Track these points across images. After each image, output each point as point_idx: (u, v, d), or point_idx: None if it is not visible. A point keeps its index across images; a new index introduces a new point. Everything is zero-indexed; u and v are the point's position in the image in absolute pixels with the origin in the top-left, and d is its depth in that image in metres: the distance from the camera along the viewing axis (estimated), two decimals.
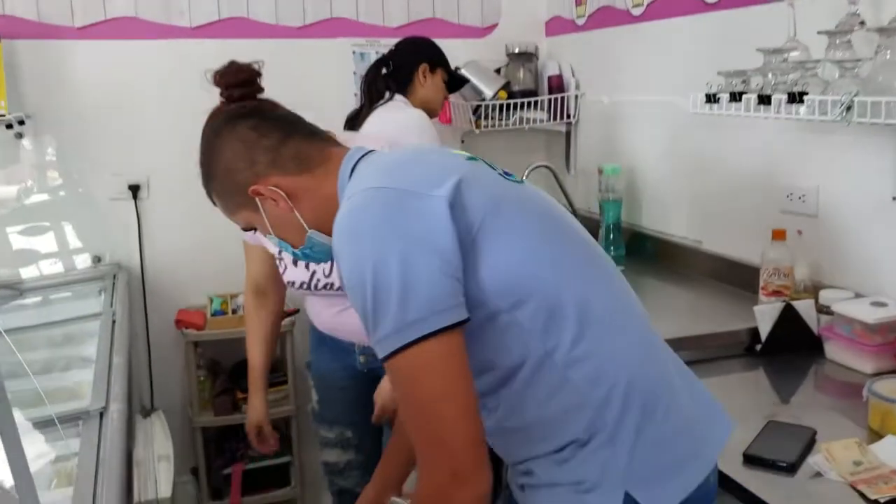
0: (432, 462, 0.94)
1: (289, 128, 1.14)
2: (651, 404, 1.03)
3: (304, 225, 1.11)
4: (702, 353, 1.79)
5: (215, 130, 1.14)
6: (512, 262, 0.99)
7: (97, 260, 2.67)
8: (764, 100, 1.69)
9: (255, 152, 1.10)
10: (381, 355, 0.94)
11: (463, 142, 3.00)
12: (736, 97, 1.78)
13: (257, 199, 1.11)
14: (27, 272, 2.59)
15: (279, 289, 1.98)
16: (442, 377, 0.93)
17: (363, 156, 1.11)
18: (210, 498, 2.73)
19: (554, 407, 1.01)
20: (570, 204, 2.79)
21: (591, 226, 2.74)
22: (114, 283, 2.51)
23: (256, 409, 2.02)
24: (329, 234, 1.04)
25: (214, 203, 1.18)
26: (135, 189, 2.67)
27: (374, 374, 1.99)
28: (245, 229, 1.20)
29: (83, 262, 2.67)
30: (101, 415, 1.53)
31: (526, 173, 2.59)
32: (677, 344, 1.79)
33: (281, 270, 1.85)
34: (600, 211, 2.59)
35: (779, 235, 1.86)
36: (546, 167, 2.74)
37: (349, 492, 2.06)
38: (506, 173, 1.11)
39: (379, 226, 0.96)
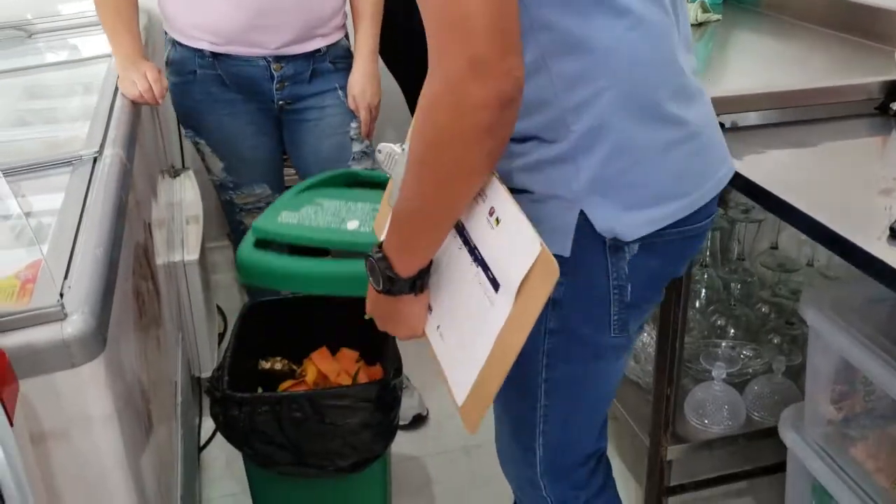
0: (446, 51, 0.76)
1: None
2: (623, 147, 0.90)
3: None
4: (817, 111, 1.46)
5: None
6: None
7: None
8: None
9: None
10: None
11: None
12: None
13: None
14: (36, 12, 2.31)
15: None
16: None
17: None
18: None
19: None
20: None
21: None
22: None
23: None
24: None
25: None
26: None
27: (284, 114, 1.82)
28: None
29: None
30: (95, 161, 1.30)
31: None
32: (785, 98, 1.48)
33: None
34: None
35: None
36: None
37: None
38: None
39: None
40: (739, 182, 1.27)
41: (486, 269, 0.86)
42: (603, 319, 0.98)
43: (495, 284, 0.84)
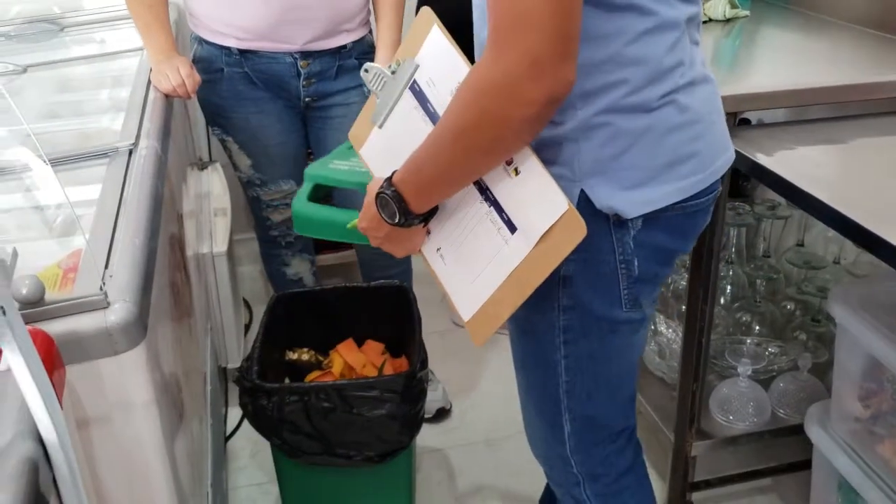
0: (509, 44, 0.79)
1: None
2: (623, 132, 0.92)
3: None
4: (847, 108, 1.46)
5: None
6: None
7: None
8: None
9: None
10: None
11: None
12: None
13: None
14: (62, 7, 2.34)
15: None
16: None
17: None
18: None
19: None
20: None
21: None
22: None
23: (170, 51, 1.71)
24: None
25: None
26: None
27: (310, 111, 1.83)
28: None
29: None
30: (131, 153, 1.32)
31: None
32: (814, 95, 1.47)
33: None
34: None
35: None
36: None
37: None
38: None
39: None
40: (769, 178, 1.27)
41: (499, 210, 0.93)
42: (613, 294, 1.01)
43: (511, 227, 0.92)
